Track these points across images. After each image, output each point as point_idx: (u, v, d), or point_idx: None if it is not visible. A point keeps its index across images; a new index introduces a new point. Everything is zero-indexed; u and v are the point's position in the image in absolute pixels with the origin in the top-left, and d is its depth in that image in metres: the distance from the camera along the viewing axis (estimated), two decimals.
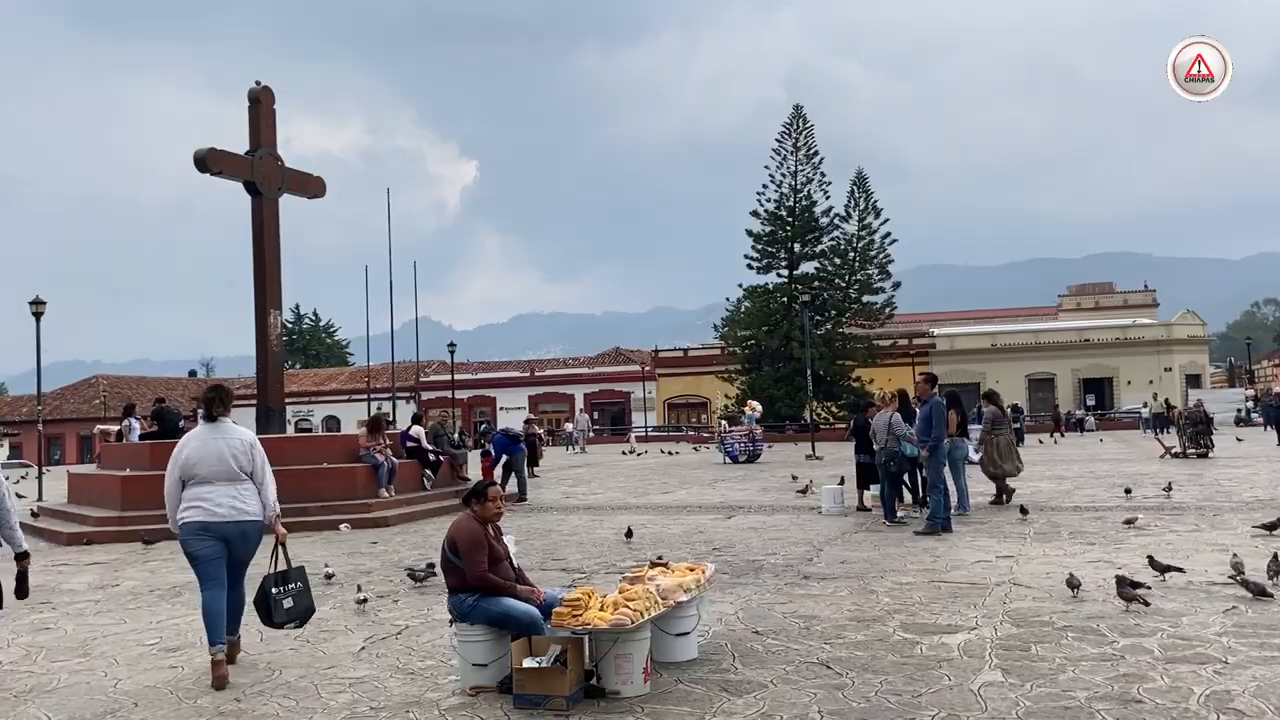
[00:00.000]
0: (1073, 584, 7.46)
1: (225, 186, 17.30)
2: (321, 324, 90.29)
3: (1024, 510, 12.29)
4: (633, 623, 5.35)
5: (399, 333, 36.65)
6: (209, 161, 16.13)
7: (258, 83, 17.41)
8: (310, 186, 18.33)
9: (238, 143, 17.22)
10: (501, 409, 60.49)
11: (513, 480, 17.71)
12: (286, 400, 18.76)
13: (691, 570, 6.40)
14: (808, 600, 7.77)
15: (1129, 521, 11.18)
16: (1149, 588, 7.33)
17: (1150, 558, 8.22)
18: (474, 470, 19.40)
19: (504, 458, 18.15)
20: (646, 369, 61.92)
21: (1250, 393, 57.11)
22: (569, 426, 44.20)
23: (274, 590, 6.24)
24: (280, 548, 6.34)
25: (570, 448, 41.07)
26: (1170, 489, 14.49)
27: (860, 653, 6.09)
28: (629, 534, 11.79)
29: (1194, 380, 57.56)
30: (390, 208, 35.07)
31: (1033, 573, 8.57)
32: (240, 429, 6.31)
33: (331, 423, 62.02)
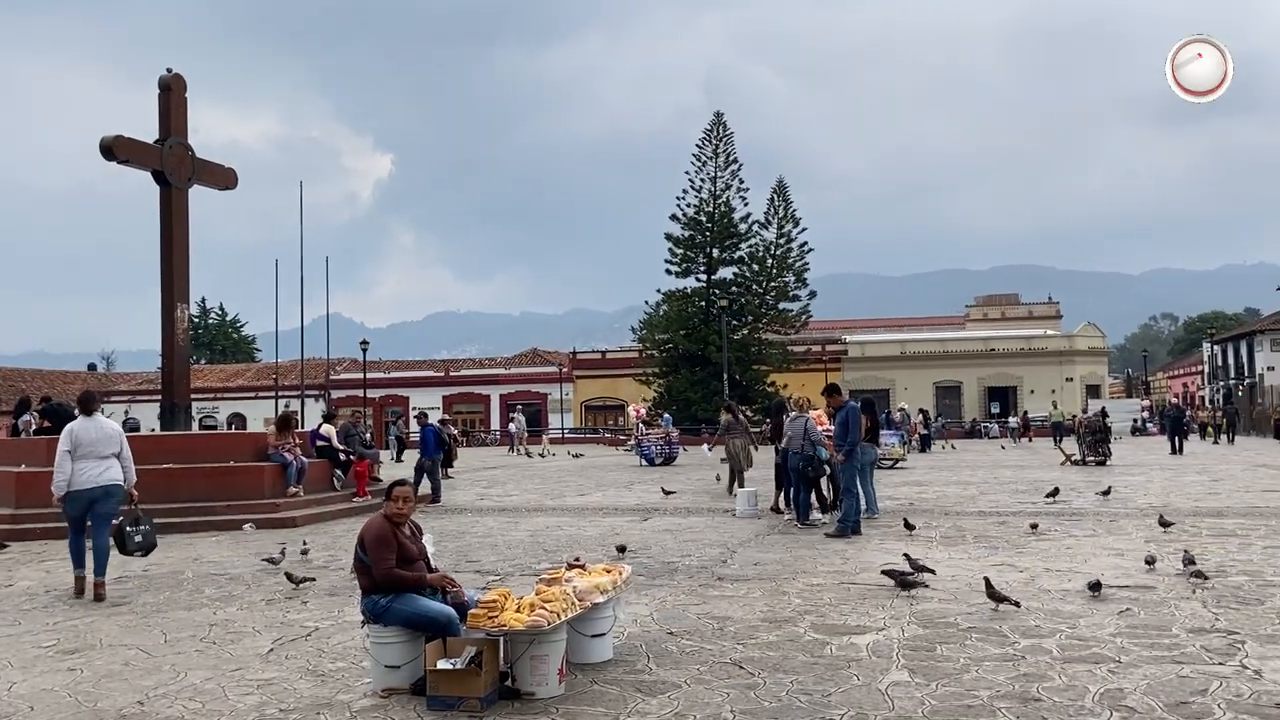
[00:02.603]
0: (995, 595, 7.22)
1: (131, 175, 16.78)
2: (228, 318, 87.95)
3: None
4: (549, 624, 5.36)
5: (309, 329, 35.93)
6: (116, 149, 15.62)
7: (169, 70, 16.92)
8: (221, 178, 17.87)
9: (145, 130, 16.73)
10: (415, 409, 59.51)
11: (426, 482, 17.52)
12: (192, 397, 18.23)
13: (608, 572, 6.43)
14: (722, 601, 7.86)
15: (1034, 526, 11.51)
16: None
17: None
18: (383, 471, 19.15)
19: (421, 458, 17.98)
20: (564, 370, 61.80)
21: (1146, 403, 59.45)
22: (512, 427, 43.30)
23: (128, 529, 8.64)
24: (134, 504, 8.78)
25: (514, 449, 40.09)
26: (1055, 494, 15.03)
27: (772, 653, 6.19)
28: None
29: (1094, 390, 59.62)
30: (303, 200, 34.40)
31: (939, 575, 8.79)
32: (109, 422, 8.91)
33: (237, 420, 60.47)
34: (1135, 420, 48.51)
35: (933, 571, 8.41)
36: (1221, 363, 67.35)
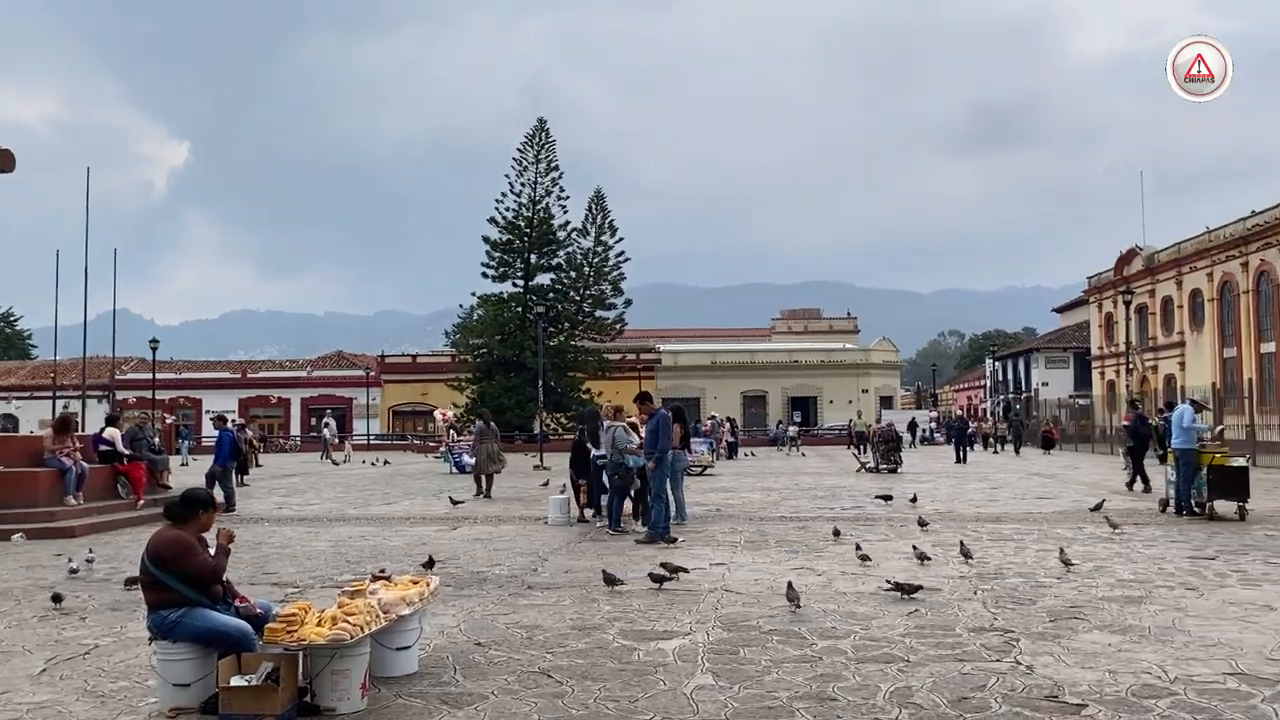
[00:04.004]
0: (791, 597, 7.70)
1: None
2: (0, 312, 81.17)
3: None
4: (352, 638, 5.19)
5: (93, 325, 33.35)
6: None
7: None
8: None
9: None
10: (208, 412, 56.59)
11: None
12: None
13: (415, 583, 6.28)
14: (531, 610, 7.82)
15: (836, 532, 11.92)
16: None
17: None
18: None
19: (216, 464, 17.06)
20: (371, 374, 60.15)
21: (934, 414, 63.24)
22: (326, 433, 41.37)
23: None
24: None
25: (326, 456, 38.08)
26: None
27: (581, 660, 6.21)
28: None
29: (887, 401, 62.95)
30: (90, 187, 32.09)
31: (742, 579, 9.06)
32: None
33: (8, 422, 55.71)
34: (924, 430, 51.42)
35: (686, 571, 8.94)
36: (1002, 377, 72.49)
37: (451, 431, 32.38)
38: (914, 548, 10.26)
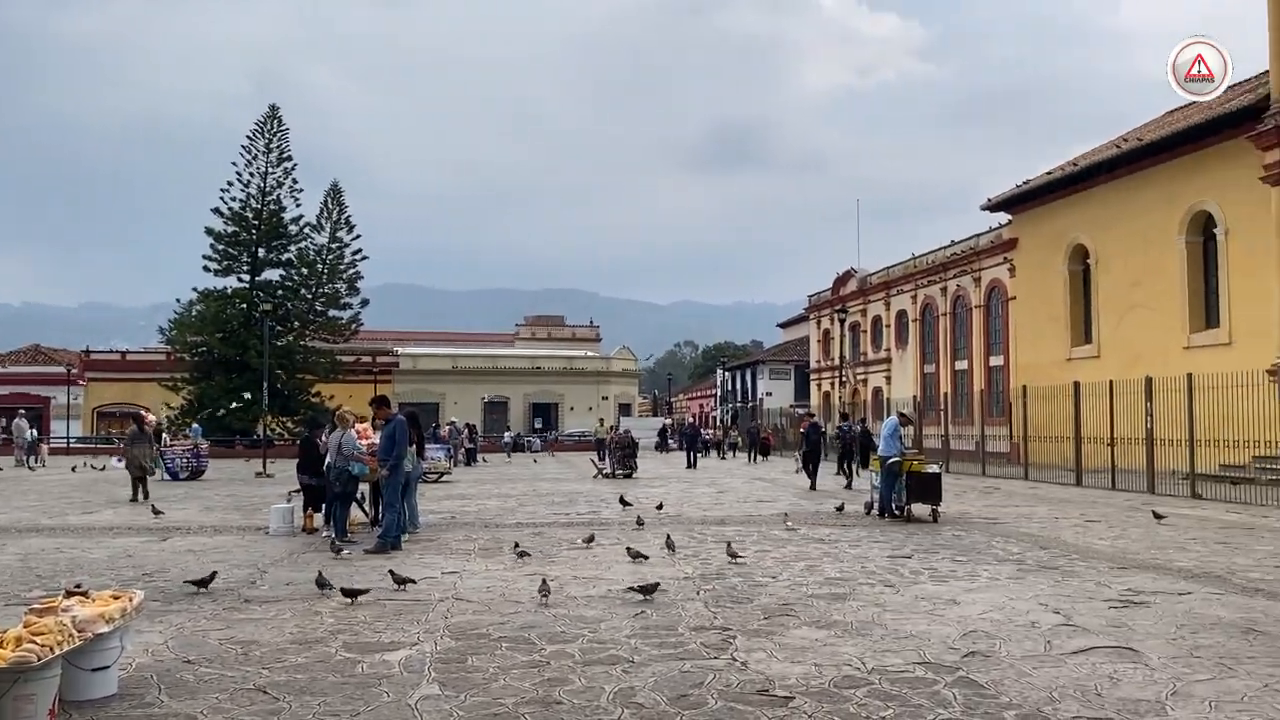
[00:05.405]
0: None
1: None
2: None
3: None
4: (39, 659, 4.72)
5: None
6: None
7: None
8: None
9: None
10: None
11: None
12: None
13: (116, 599, 5.81)
14: (248, 624, 7.42)
15: (590, 540, 11.95)
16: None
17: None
18: None
19: None
20: (74, 371, 55.00)
21: (669, 421, 65.48)
22: (29, 435, 36.74)
23: None
24: None
25: (23, 462, 33.82)
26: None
27: (300, 675, 5.95)
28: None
29: (626, 409, 64.61)
30: None
31: (474, 587, 9.00)
32: None
33: None
34: (660, 436, 53.10)
35: (414, 581, 8.88)
36: (731, 387, 76.17)
37: (165, 435, 30.15)
38: (628, 549, 10.70)
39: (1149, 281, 28.80)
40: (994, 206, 37.27)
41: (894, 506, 15.12)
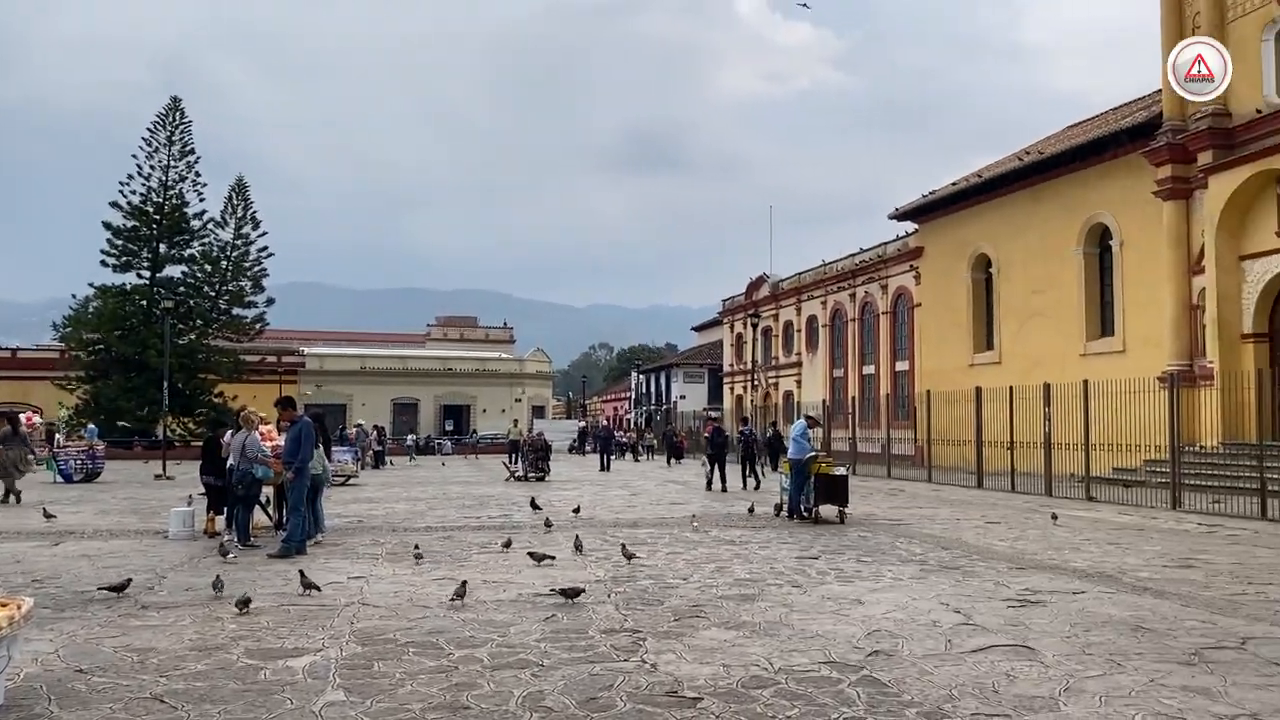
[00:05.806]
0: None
1: None
2: None
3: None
4: None
5: None
6: None
7: None
8: None
9: None
10: None
11: None
12: None
13: (4, 606, 5.57)
14: (145, 631, 7.19)
15: (507, 544, 11.74)
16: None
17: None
18: None
19: None
20: None
21: (583, 424, 65.36)
22: None
23: None
24: None
25: None
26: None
27: (200, 683, 5.79)
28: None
29: (539, 411, 64.37)
30: None
31: (381, 592, 8.86)
32: None
33: None
34: (574, 439, 53.01)
35: (319, 588, 8.64)
36: (645, 390, 76.38)
37: (59, 436, 29.05)
38: (530, 554, 10.61)
39: (1048, 290, 29.82)
40: (901, 215, 38.17)
41: (802, 508, 15.35)
